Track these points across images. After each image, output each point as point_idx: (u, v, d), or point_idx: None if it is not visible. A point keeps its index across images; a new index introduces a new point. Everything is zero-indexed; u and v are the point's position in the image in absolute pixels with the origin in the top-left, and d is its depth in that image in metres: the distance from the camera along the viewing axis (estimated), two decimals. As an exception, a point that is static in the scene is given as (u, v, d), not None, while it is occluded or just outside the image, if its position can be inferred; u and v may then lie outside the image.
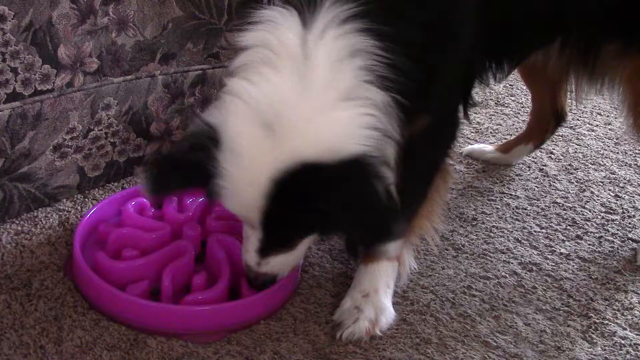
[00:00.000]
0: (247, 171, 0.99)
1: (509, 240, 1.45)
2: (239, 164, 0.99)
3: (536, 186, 1.65)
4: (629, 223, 1.54)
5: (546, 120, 1.67)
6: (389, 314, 1.21)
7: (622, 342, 1.22)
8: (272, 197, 0.99)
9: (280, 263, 1.12)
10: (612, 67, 1.34)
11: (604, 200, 1.61)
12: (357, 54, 0.99)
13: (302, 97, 0.98)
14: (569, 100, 1.63)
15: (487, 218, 1.51)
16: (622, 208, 1.59)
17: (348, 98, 0.99)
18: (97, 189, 1.48)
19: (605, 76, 1.38)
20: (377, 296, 1.21)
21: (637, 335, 1.23)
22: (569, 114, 1.71)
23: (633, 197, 1.63)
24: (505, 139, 1.82)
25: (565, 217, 1.54)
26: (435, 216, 1.28)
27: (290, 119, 0.97)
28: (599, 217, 1.55)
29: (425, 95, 1.09)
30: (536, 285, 1.33)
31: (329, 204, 1.00)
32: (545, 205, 1.57)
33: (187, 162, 1.04)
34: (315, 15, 1.00)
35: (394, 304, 1.24)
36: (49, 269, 1.25)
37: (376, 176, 1.00)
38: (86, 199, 1.45)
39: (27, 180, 1.35)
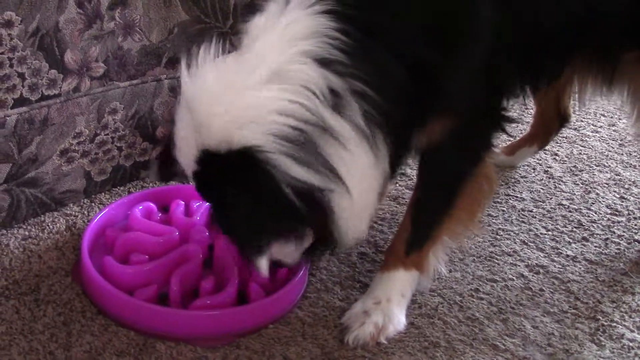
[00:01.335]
0: (181, 149, 1.04)
1: (516, 243, 1.45)
2: (177, 142, 1.04)
3: (541, 188, 1.65)
4: (635, 225, 1.54)
5: (550, 121, 1.67)
6: (397, 323, 1.19)
7: (630, 344, 1.22)
8: (196, 177, 1.04)
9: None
10: (628, 73, 1.32)
11: (610, 202, 1.61)
12: (309, 37, 0.94)
13: (224, 80, 0.96)
14: (573, 102, 1.63)
15: (493, 220, 1.51)
16: (628, 210, 1.59)
17: (274, 82, 0.94)
18: (103, 193, 1.48)
19: (619, 82, 1.35)
20: (389, 304, 1.19)
21: (645, 337, 1.24)
22: (573, 115, 1.72)
23: (638, 198, 1.63)
24: (509, 140, 1.82)
25: (571, 219, 1.54)
26: (464, 225, 1.21)
27: (203, 101, 0.96)
28: (604, 219, 1.55)
29: (432, 95, 1.04)
30: (543, 288, 1.33)
31: (214, 197, 1.02)
32: (551, 207, 1.58)
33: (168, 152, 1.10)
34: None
35: (402, 307, 1.24)
36: (57, 274, 1.25)
37: (261, 171, 0.93)
38: (93, 204, 1.45)
39: (34, 185, 1.35)
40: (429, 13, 1.01)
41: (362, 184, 1.02)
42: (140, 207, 1.34)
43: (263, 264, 1.08)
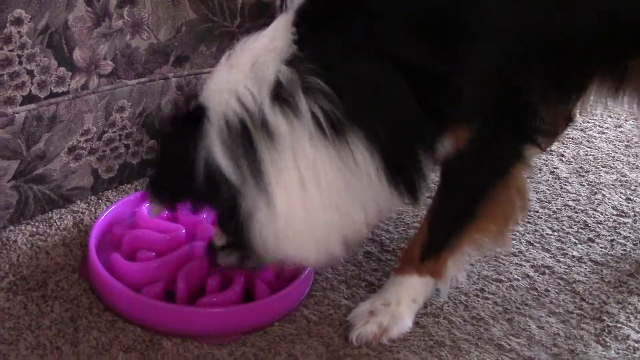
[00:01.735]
0: None
1: (521, 243, 1.45)
2: None
3: (547, 189, 1.65)
4: (641, 226, 1.54)
5: (555, 122, 1.67)
6: (402, 326, 1.18)
7: (636, 345, 1.22)
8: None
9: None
10: (634, 78, 1.26)
11: (616, 203, 1.61)
12: (284, 43, 0.98)
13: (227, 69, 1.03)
14: (577, 103, 1.63)
15: (499, 221, 1.52)
16: (634, 211, 1.58)
17: (247, 69, 0.99)
18: (110, 191, 1.48)
19: (627, 89, 1.28)
20: (398, 308, 1.18)
21: (650, 338, 1.24)
22: (580, 116, 1.72)
23: (645, 200, 1.63)
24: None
25: (577, 220, 1.54)
26: (491, 237, 1.16)
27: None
28: (610, 220, 1.55)
29: (442, 104, 0.99)
30: (549, 288, 1.33)
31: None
32: (557, 208, 1.58)
33: None
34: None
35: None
36: (64, 270, 1.26)
37: (195, 134, 0.98)
38: (100, 201, 1.45)
39: (42, 181, 1.36)
40: (431, 20, 0.97)
41: (302, 197, 0.96)
42: (147, 205, 1.35)
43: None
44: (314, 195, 0.97)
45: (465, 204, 1.14)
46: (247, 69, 0.99)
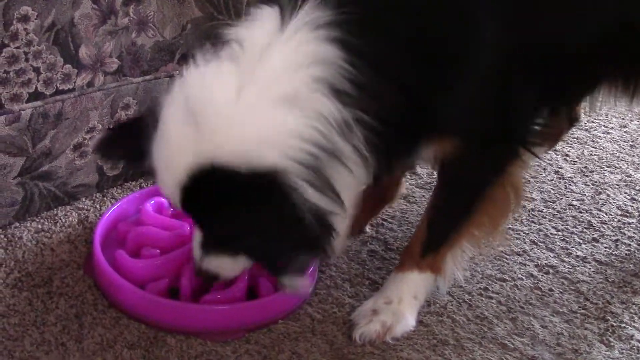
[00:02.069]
0: (169, 159, 0.97)
1: (525, 243, 1.45)
2: (164, 149, 0.98)
3: (552, 189, 1.65)
4: (646, 226, 1.54)
5: (559, 122, 1.66)
6: (405, 324, 1.19)
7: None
8: (187, 192, 0.96)
9: (218, 265, 1.08)
10: None
11: (620, 203, 1.61)
12: (319, 63, 0.94)
13: (236, 96, 0.93)
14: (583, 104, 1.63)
15: (503, 220, 1.52)
16: (639, 211, 1.58)
17: (290, 104, 0.93)
18: (115, 188, 1.49)
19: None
20: (400, 305, 1.19)
21: (654, 338, 1.24)
22: (585, 116, 1.71)
23: (649, 200, 1.63)
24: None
25: (581, 219, 1.54)
26: (487, 232, 1.20)
27: (215, 115, 0.92)
28: (615, 220, 1.55)
29: (432, 117, 1.03)
30: (553, 288, 1.33)
31: (224, 215, 0.95)
32: (561, 208, 1.57)
33: (130, 135, 1.05)
34: (292, 16, 0.95)
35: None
36: (69, 266, 1.26)
37: (287, 197, 0.91)
38: (105, 198, 1.46)
39: (48, 178, 1.37)
40: (428, 41, 1.00)
41: (351, 199, 1.03)
42: (152, 202, 1.35)
43: (291, 280, 1.06)
44: (356, 197, 1.05)
45: (462, 201, 1.18)
46: (291, 106, 0.93)
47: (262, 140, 0.92)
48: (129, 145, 1.06)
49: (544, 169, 1.72)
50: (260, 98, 0.93)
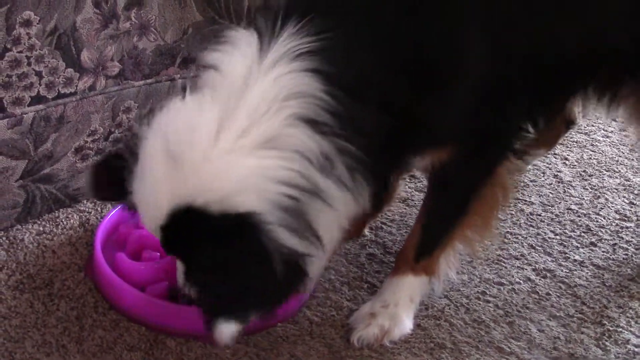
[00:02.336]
0: (150, 197, 0.98)
1: (523, 247, 1.46)
2: (144, 188, 0.98)
3: (550, 192, 1.65)
4: (644, 231, 1.55)
5: (556, 126, 1.67)
6: (403, 327, 1.20)
7: (636, 349, 1.23)
8: (166, 231, 0.97)
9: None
10: (626, 100, 1.31)
11: (619, 207, 1.61)
12: (297, 97, 0.93)
13: (215, 137, 0.92)
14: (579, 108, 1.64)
15: (502, 224, 1.52)
16: (637, 215, 1.59)
17: (268, 146, 0.92)
18: (116, 191, 1.50)
19: (619, 106, 1.33)
20: (396, 309, 1.21)
21: (650, 343, 1.24)
22: (584, 120, 1.72)
23: (647, 204, 1.64)
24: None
25: (579, 223, 1.55)
26: (478, 232, 1.22)
27: (193, 156, 0.92)
28: (613, 224, 1.55)
29: (424, 133, 1.04)
30: (550, 292, 1.34)
31: (194, 257, 0.96)
32: (560, 212, 1.58)
33: (112, 172, 1.04)
34: (271, 45, 0.95)
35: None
36: (70, 269, 1.28)
37: (256, 241, 0.91)
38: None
39: (49, 181, 1.38)
40: (411, 62, 1.00)
41: (334, 233, 1.02)
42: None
43: (231, 332, 0.99)
44: (341, 227, 1.03)
45: (453, 204, 1.20)
46: (270, 148, 0.92)
47: (239, 184, 0.92)
48: (112, 184, 1.05)
49: (543, 173, 1.73)
50: (239, 141, 0.92)
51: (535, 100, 1.17)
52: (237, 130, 0.92)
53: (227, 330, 0.98)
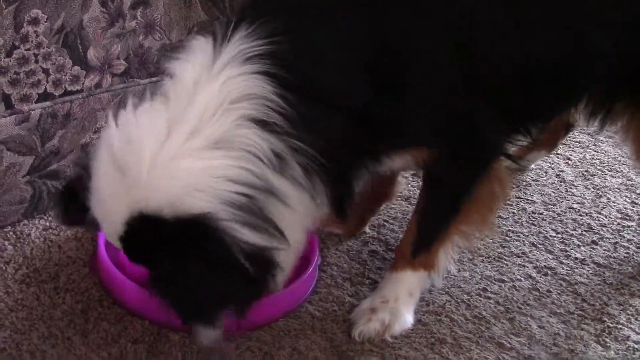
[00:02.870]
0: (105, 210, 0.98)
1: (525, 245, 1.47)
2: (99, 202, 0.98)
3: (553, 191, 1.66)
4: (645, 229, 1.55)
5: (555, 128, 1.68)
6: (404, 322, 1.21)
7: (636, 346, 1.23)
8: (124, 241, 0.97)
9: None
10: (619, 117, 1.30)
11: (620, 206, 1.62)
12: (247, 99, 0.93)
13: (163, 141, 0.92)
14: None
15: (504, 222, 1.53)
16: (638, 215, 1.59)
17: (217, 147, 0.92)
18: (122, 187, 1.52)
19: (613, 124, 1.33)
20: (396, 304, 1.21)
21: (650, 340, 1.25)
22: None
23: (649, 203, 1.64)
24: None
25: (581, 222, 1.55)
26: (476, 226, 1.22)
27: (140, 165, 0.91)
28: (614, 223, 1.56)
29: (393, 132, 1.03)
30: (551, 289, 1.35)
31: (156, 264, 0.95)
32: (562, 211, 1.59)
33: (71, 194, 1.04)
34: (222, 49, 0.95)
35: (410, 304, 1.26)
36: (76, 263, 1.29)
37: (214, 240, 0.90)
38: (111, 197, 1.49)
39: (56, 177, 1.40)
40: (370, 63, 0.99)
41: (297, 233, 1.02)
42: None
43: (211, 334, 1.00)
44: (303, 227, 1.04)
45: (448, 201, 1.20)
46: (220, 148, 0.91)
47: (189, 186, 0.91)
48: (79, 209, 1.05)
49: (545, 172, 1.73)
50: (186, 144, 0.92)
51: (516, 105, 1.16)
52: (185, 134, 0.92)
53: (205, 332, 0.99)
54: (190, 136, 0.92)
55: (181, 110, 0.93)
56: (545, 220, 1.55)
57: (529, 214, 1.57)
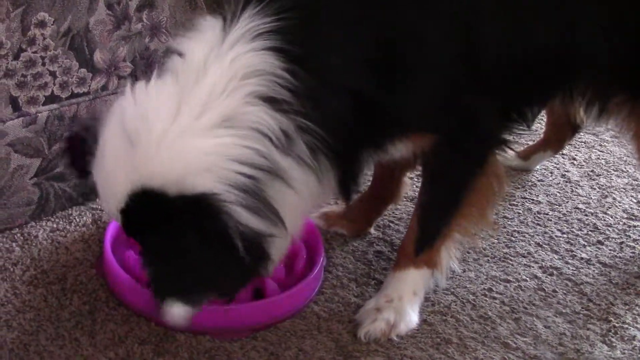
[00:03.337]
0: (108, 180, 0.98)
1: (530, 245, 1.47)
2: (102, 171, 0.98)
3: (558, 192, 1.66)
4: (651, 229, 1.55)
5: (563, 130, 1.68)
6: (409, 321, 1.21)
7: (642, 346, 1.23)
8: (124, 215, 0.97)
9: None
10: (619, 112, 1.30)
11: (626, 206, 1.62)
12: (256, 75, 0.93)
13: (172, 118, 0.92)
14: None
15: (509, 222, 1.53)
16: (644, 214, 1.60)
17: (226, 125, 0.92)
18: (128, 189, 1.52)
19: (612, 119, 1.33)
20: (401, 303, 1.21)
21: (656, 339, 1.25)
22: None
23: (655, 203, 1.64)
24: (527, 143, 1.84)
25: (586, 222, 1.55)
26: (475, 222, 1.22)
27: (149, 138, 0.91)
28: (620, 223, 1.56)
29: (395, 116, 1.04)
30: (556, 289, 1.35)
31: (151, 239, 0.95)
32: (567, 211, 1.59)
33: (76, 152, 1.04)
34: (231, 27, 0.95)
35: (416, 304, 1.26)
36: (83, 265, 1.30)
37: (215, 221, 0.90)
38: (118, 199, 1.49)
39: (63, 179, 1.41)
40: (374, 45, 0.99)
41: (297, 218, 1.02)
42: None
43: (181, 314, 0.99)
44: (304, 209, 1.05)
45: (447, 196, 1.21)
46: (228, 127, 0.92)
47: (195, 165, 0.91)
48: (76, 162, 1.06)
49: (551, 173, 1.73)
50: (196, 121, 0.92)
51: (513, 94, 1.17)
52: (194, 111, 0.92)
53: (177, 312, 0.98)
54: (200, 113, 0.92)
55: (191, 87, 0.94)
56: (551, 220, 1.55)
57: (535, 214, 1.57)
